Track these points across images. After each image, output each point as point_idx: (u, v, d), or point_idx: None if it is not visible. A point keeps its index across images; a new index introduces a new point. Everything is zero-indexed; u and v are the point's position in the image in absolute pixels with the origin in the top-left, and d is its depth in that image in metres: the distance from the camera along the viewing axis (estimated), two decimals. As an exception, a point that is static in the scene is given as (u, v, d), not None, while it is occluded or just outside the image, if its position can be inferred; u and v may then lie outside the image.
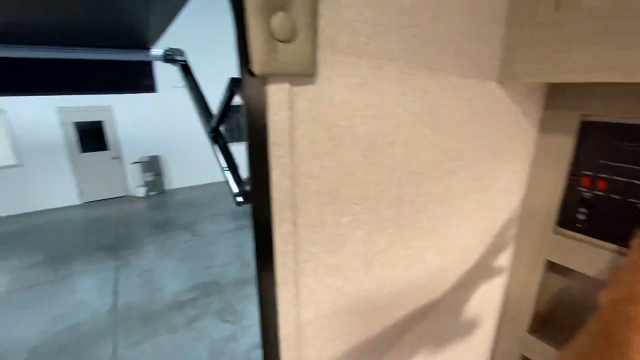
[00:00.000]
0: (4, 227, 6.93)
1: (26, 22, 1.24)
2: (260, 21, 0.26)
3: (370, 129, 0.38)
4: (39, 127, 7.48)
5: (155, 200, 8.66)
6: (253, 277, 4.16)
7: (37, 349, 3.63)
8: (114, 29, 1.39)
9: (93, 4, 1.15)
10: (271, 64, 0.28)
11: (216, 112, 1.69)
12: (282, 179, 0.34)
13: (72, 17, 1.26)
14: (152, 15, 1.33)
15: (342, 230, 0.40)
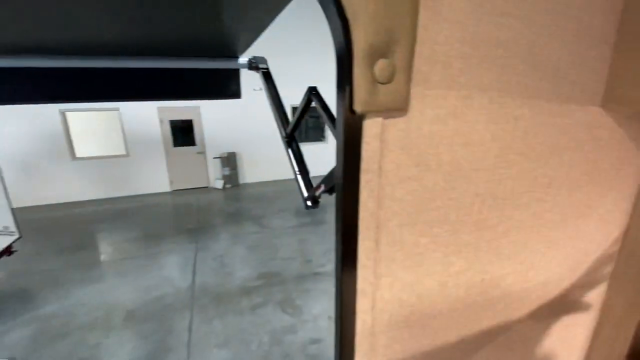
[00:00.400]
0: (113, 206, 8.33)
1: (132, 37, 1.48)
2: (365, 68, 0.30)
3: (456, 156, 0.39)
4: (142, 123, 8.81)
5: (230, 193, 9.48)
6: (313, 273, 4.29)
7: (131, 312, 4.29)
8: (208, 42, 1.58)
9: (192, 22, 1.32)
10: (371, 104, 0.31)
11: (292, 118, 1.79)
12: (369, 201, 0.37)
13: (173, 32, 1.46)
14: (242, 29, 1.47)
15: (420, 250, 0.41)
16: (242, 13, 1.20)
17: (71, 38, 1.38)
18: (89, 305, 4.40)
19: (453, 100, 0.37)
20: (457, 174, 0.40)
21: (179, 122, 9.22)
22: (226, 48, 1.75)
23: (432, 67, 0.34)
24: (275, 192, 9.38)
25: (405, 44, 0.31)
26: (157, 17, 1.23)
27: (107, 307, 4.37)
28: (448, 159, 0.39)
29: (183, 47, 1.70)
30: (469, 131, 0.39)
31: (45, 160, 8.17)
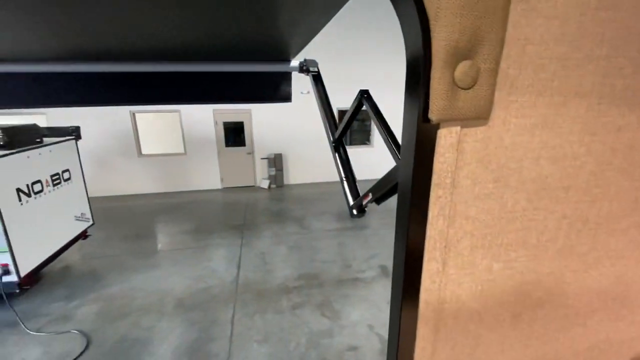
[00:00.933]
0: (170, 200, 9.04)
1: (192, 43, 1.58)
2: (445, 71, 0.27)
3: (542, 172, 0.34)
4: (199, 125, 9.46)
5: (275, 193, 9.77)
6: (352, 278, 4.22)
7: (181, 300, 4.60)
8: (263, 46, 1.64)
9: (250, 27, 1.38)
10: (449, 111, 0.29)
11: (342, 123, 1.78)
12: (439, 218, 0.34)
13: (230, 38, 1.54)
14: (296, 33, 1.50)
15: (493, 277, 0.37)
16: (297, 18, 1.22)
17: (138, 45, 1.52)
18: (145, 290, 4.82)
19: (543, 108, 0.32)
20: (542, 193, 0.35)
21: (231, 124, 9.74)
22: (279, 52, 1.80)
23: (521, 70, 0.30)
24: (317, 194, 9.47)
25: (492, 44, 0.27)
26: (217, 24, 1.30)
27: (161, 293, 4.75)
28: (532, 175, 0.35)
29: (239, 51, 1.78)
30: (560, 144, 0.34)
31: (116, 156, 9.15)
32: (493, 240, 0.35)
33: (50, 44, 1.42)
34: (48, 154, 4.73)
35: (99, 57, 1.75)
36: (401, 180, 0.35)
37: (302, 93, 9.73)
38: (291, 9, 1.11)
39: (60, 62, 1.75)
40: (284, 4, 1.06)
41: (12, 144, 4.18)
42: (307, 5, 1.06)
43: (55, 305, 4.48)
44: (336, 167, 1.80)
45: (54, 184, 4.80)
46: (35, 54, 1.61)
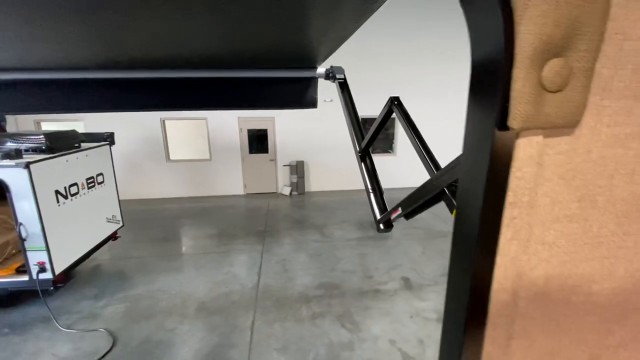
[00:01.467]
0: (195, 204, 9.28)
1: (223, 52, 1.60)
2: (532, 71, 0.24)
3: (636, 191, 0.29)
4: (224, 132, 9.71)
5: (296, 200, 9.80)
6: (374, 290, 4.11)
7: (203, 304, 4.66)
8: (290, 54, 1.65)
9: (278, 37, 1.39)
10: (534, 118, 0.25)
11: (369, 132, 1.75)
12: (512, 244, 0.30)
13: (259, 47, 1.55)
14: (324, 41, 1.50)
15: (570, 312, 0.33)
16: (325, 27, 1.22)
17: (172, 54, 1.57)
18: (169, 292, 4.93)
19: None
20: (635, 215, 0.31)
21: (255, 131, 9.93)
22: (306, 59, 1.80)
23: (616, 71, 0.26)
24: (338, 202, 9.41)
25: (590, 39, 0.24)
26: (246, 35, 1.32)
27: (184, 296, 4.84)
28: (624, 194, 0.30)
29: (266, 59, 1.80)
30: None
31: (146, 161, 9.54)
32: (573, 270, 0.31)
33: (90, 54, 1.49)
34: (84, 158, 4.99)
35: (134, 66, 1.82)
36: (463, 198, 0.31)
37: (325, 101, 9.80)
38: (320, 18, 1.10)
39: (99, 70, 1.83)
40: (313, 14, 1.05)
41: (53, 149, 4.44)
42: (335, 15, 1.05)
43: (85, 304, 4.67)
44: (362, 178, 1.75)
45: (89, 186, 5.05)
46: (74, 63, 1.69)
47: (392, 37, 9.33)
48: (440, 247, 6.36)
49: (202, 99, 2.11)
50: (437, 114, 10.05)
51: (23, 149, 4.29)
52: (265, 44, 1.46)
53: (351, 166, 10.59)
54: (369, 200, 1.59)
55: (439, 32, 9.52)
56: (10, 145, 4.35)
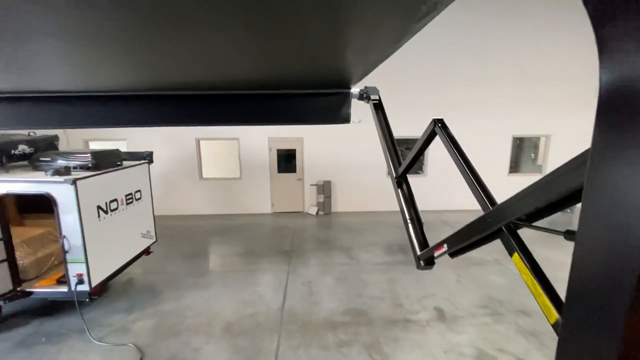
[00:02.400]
0: (225, 221, 9.47)
1: (262, 76, 1.63)
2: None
3: None
4: (254, 151, 9.98)
5: (323, 220, 9.73)
6: (404, 319, 3.87)
7: (229, 324, 4.62)
8: (325, 76, 1.65)
9: (315, 62, 1.39)
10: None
11: (408, 156, 1.67)
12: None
13: (295, 71, 1.57)
14: (359, 65, 1.49)
15: None
16: (363, 49, 1.20)
17: (216, 78, 1.63)
18: (196, 310, 4.95)
19: None
20: None
21: (284, 151, 10.13)
22: (341, 81, 1.80)
23: None
24: (365, 223, 9.22)
25: None
26: (285, 60, 1.34)
27: (211, 314, 4.83)
28: None
29: (302, 81, 1.82)
30: None
31: (180, 178, 9.96)
32: None
33: (138, 78, 1.57)
34: (125, 176, 5.28)
35: (176, 88, 1.91)
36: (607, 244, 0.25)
37: (354, 122, 9.85)
38: (358, 41, 1.09)
39: (150, 91, 1.94)
40: (351, 38, 1.04)
41: (98, 166, 4.74)
42: (374, 37, 1.02)
43: (117, 317, 4.79)
44: (399, 206, 1.65)
45: (127, 202, 5.30)
46: (120, 85, 1.80)
47: (427, 58, 9.31)
48: (476, 275, 5.96)
49: (240, 115, 2.15)
50: (478, 138, 9.76)
51: (72, 166, 4.62)
52: (301, 69, 1.47)
53: (378, 187, 10.42)
54: (406, 230, 1.47)
55: (477, 54, 9.40)
56: (60, 162, 4.70)
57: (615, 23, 0.27)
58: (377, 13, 0.75)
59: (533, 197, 0.83)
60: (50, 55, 1.07)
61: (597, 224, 0.30)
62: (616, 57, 0.27)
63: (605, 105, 0.29)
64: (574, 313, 0.33)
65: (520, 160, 11.20)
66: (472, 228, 1.12)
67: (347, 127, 10.33)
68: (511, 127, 10.07)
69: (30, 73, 1.37)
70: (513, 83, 9.68)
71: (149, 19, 0.75)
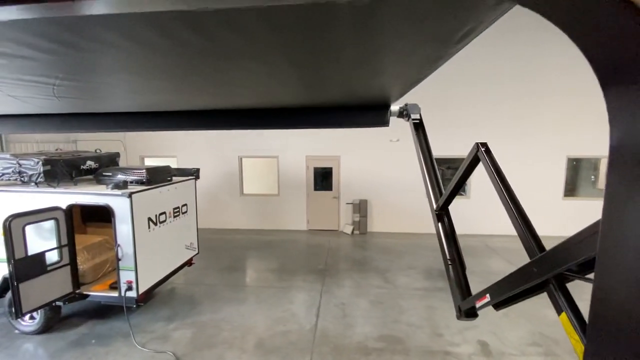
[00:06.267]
0: (262, 237, 9.70)
1: (304, 101, 1.70)
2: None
3: None
4: (292, 168, 10.23)
5: (358, 239, 9.57)
6: (444, 351, 3.62)
7: (261, 340, 4.65)
8: (365, 95, 1.68)
9: (351, 89, 1.43)
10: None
11: (449, 186, 1.59)
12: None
13: (336, 96, 1.62)
14: (396, 85, 1.50)
15: None
16: (397, 75, 1.21)
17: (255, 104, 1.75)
18: (232, 323, 5.05)
19: None
20: None
21: (320, 169, 10.26)
22: (379, 99, 1.81)
23: None
24: (401, 245, 8.90)
25: None
26: (325, 85, 1.39)
27: (245, 329, 4.90)
28: None
29: (342, 101, 1.86)
30: None
31: (223, 194, 10.47)
32: None
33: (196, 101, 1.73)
34: (174, 190, 5.67)
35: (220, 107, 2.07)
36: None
37: (392, 141, 9.75)
38: (391, 69, 1.10)
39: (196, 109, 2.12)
40: (384, 67, 1.06)
41: (151, 181, 5.16)
42: (411, 61, 1.04)
43: (159, 325, 5.04)
44: (439, 243, 1.50)
45: (175, 215, 5.67)
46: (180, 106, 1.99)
47: (471, 73, 9.07)
48: (527, 307, 5.43)
49: (280, 120, 2.22)
50: (529, 158, 9.18)
51: (129, 180, 5.08)
52: (339, 94, 1.52)
53: (416, 208, 10.07)
54: (447, 273, 1.35)
55: (526, 67, 8.98)
56: (120, 177, 5.19)
57: (623, 90, 0.27)
58: (409, 42, 0.76)
59: (587, 242, 0.71)
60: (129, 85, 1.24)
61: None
62: (624, 119, 0.27)
63: (616, 160, 0.30)
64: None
65: (577, 183, 10.21)
66: (516, 278, 1.00)
67: (384, 146, 10.32)
68: (566, 145, 9.29)
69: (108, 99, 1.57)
70: (566, 96, 9.00)
71: (204, 53, 0.83)
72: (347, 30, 0.67)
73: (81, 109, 2.06)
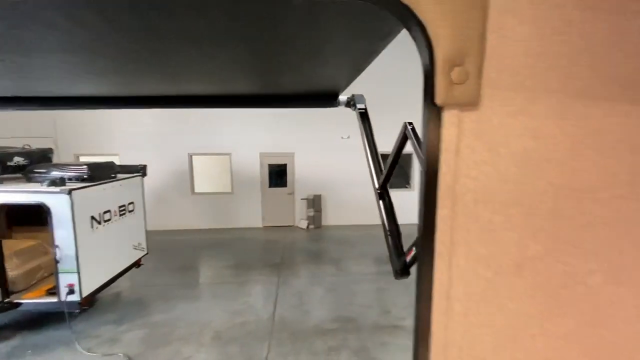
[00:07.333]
0: (216, 235, 9.50)
1: (250, 86, 1.84)
2: (445, 73, 0.42)
3: (526, 147, 0.44)
4: (246, 166, 10.17)
5: (313, 233, 9.84)
6: (392, 325, 4.01)
7: (219, 333, 4.66)
8: (312, 85, 1.86)
9: (302, 74, 1.60)
10: (448, 98, 0.43)
11: (386, 166, 1.82)
12: (447, 175, 0.45)
13: (283, 81, 1.78)
14: (341, 77, 1.72)
15: (495, 227, 0.46)
16: (343, 61, 1.41)
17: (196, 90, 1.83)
18: (187, 320, 4.97)
19: (521, 100, 0.44)
20: (528, 162, 0.45)
21: (275, 166, 10.34)
22: (328, 88, 1.98)
23: (500, 74, 0.43)
24: (355, 236, 9.36)
25: (475, 58, 0.42)
26: (277, 73, 1.56)
27: (201, 324, 4.86)
28: (518, 148, 0.44)
29: (292, 90, 2.01)
30: (538, 126, 0.44)
31: (173, 193, 10.02)
32: (492, 197, 0.45)
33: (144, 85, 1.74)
34: (119, 187, 5.39)
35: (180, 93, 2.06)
36: (423, 149, 0.47)
37: (343, 138, 10.17)
38: (338, 54, 1.29)
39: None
40: (333, 53, 1.26)
41: (93, 178, 4.86)
42: (351, 54, 1.23)
43: (105, 328, 4.77)
44: (380, 218, 1.68)
45: (120, 214, 5.38)
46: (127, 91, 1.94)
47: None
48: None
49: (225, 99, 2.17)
50: None
51: (67, 177, 4.73)
52: (289, 80, 1.69)
53: (368, 200, 10.60)
54: (386, 243, 1.52)
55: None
56: (55, 173, 4.80)
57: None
58: (344, 38, 0.96)
59: None
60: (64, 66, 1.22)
61: None
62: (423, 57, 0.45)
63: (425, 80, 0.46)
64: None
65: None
66: None
67: (337, 143, 10.57)
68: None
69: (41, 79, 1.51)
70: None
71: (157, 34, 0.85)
72: (299, 23, 0.76)
73: (16, 92, 1.93)
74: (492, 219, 0.46)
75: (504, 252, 0.47)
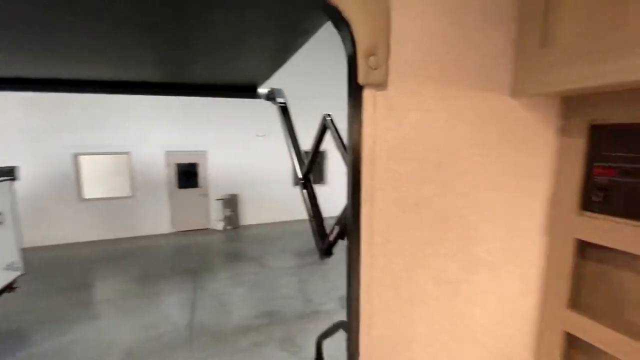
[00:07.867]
0: (116, 246, 8.35)
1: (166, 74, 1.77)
2: (364, 60, 0.59)
3: (418, 117, 0.65)
4: (149, 166, 9.20)
5: (231, 234, 9.56)
6: (314, 312, 4.28)
7: (130, 349, 4.21)
8: (230, 75, 1.86)
9: (218, 62, 1.60)
10: (367, 79, 0.61)
11: (308, 156, 1.98)
12: (368, 139, 0.63)
13: (199, 70, 1.76)
14: (260, 69, 1.78)
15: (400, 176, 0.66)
16: (263, 53, 1.48)
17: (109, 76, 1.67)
18: (85, 343, 4.32)
19: (413, 84, 0.64)
20: (419, 128, 0.66)
21: (185, 165, 9.62)
22: (247, 80, 1.99)
23: (400, 65, 0.63)
24: (275, 233, 9.47)
25: (383, 51, 0.61)
26: (189, 60, 1.53)
27: (105, 345, 4.30)
28: (413, 119, 0.65)
29: (207, 80, 1.96)
30: (425, 102, 0.65)
31: (54, 202, 8.37)
32: (397, 154, 0.65)
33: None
34: (-22, 196, 4.32)
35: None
36: (349, 123, 0.65)
37: (258, 136, 10.10)
38: (256, 45, 1.35)
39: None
40: (251, 46, 1.31)
41: (-63, 185, 3.79)
42: (271, 42, 1.30)
43: (-32, 373, 3.81)
44: (305, 205, 1.79)
45: (-18, 228, 4.33)
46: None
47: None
48: (371, 266, 6.86)
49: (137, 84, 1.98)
50: None
51: None
52: (205, 69, 1.66)
53: (286, 197, 10.83)
54: (311, 227, 1.63)
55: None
56: None
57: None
58: (263, 32, 1.04)
59: None
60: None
61: None
62: (346, 47, 0.66)
63: (349, 67, 0.65)
64: None
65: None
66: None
67: (252, 141, 10.44)
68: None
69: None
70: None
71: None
72: (220, 13, 0.78)
73: None
74: (398, 170, 0.66)
75: (407, 195, 0.67)
